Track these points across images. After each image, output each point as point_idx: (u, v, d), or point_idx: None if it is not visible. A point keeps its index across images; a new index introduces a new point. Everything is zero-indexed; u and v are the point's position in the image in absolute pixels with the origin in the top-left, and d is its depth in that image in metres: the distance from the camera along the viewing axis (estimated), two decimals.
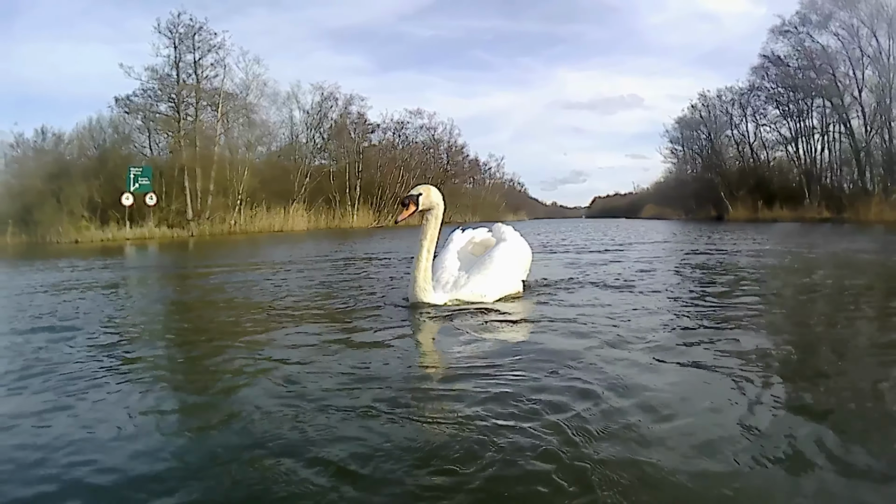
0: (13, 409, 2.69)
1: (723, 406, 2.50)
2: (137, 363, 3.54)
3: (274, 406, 2.54)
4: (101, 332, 4.49)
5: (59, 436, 2.30)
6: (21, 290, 7.68)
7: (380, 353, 3.55)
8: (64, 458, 2.09)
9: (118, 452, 2.15)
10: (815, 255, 10.32)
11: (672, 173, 58.89)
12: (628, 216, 78.84)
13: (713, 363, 3.11)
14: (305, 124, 44.92)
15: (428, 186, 5.22)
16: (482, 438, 2.12)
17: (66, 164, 32.13)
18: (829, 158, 38.78)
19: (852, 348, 3.63)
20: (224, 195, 34.91)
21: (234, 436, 2.26)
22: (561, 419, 2.28)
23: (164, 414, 2.57)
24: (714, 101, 48.22)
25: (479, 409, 2.42)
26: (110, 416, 2.54)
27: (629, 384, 2.70)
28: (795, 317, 4.80)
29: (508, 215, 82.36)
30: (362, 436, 2.19)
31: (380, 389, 2.73)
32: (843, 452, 2.01)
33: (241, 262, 12.02)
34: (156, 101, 35.35)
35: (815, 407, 2.50)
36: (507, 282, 5.47)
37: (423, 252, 4.99)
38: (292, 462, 1.99)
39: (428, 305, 4.99)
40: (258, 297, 6.36)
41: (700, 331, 3.99)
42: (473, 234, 6.25)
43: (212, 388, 2.98)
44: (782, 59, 39.13)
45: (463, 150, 64.10)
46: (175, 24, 34.73)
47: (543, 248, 12.94)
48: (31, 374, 3.24)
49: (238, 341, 4.02)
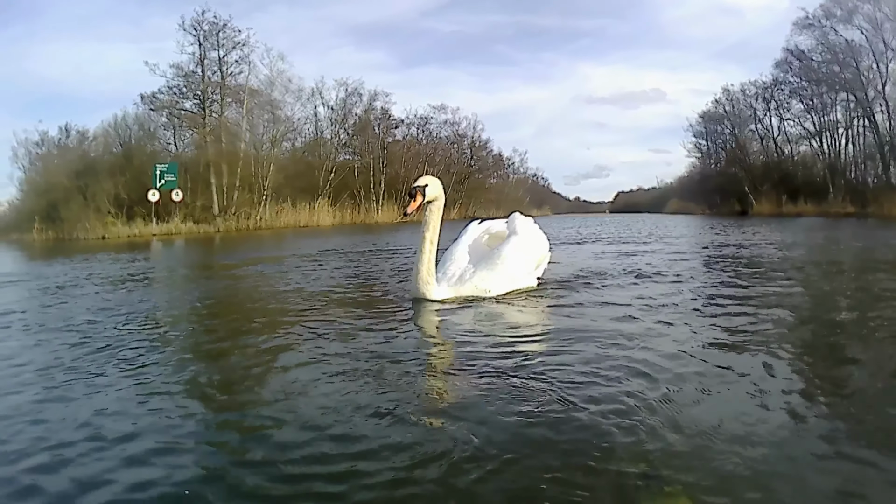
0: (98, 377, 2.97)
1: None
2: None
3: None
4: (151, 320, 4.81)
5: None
6: (73, 281, 8.09)
7: (374, 350, 3.45)
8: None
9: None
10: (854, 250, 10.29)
11: (696, 168, 58.53)
12: (652, 211, 78.48)
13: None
14: (330, 120, 44.97)
15: (432, 177, 5.12)
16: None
17: (92, 161, 32.42)
18: (854, 153, 38.38)
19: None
20: (250, 191, 35.09)
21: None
22: (559, 430, 2.21)
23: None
24: (738, 96, 47.80)
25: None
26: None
27: (613, 394, 2.57)
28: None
29: (532, 210, 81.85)
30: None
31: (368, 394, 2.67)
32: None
33: (266, 254, 12.47)
34: (181, 98, 35.60)
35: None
36: (514, 277, 5.39)
37: (425, 244, 4.95)
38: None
39: (430, 300, 4.95)
40: (279, 288, 6.57)
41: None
42: (490, 225, 6.12)
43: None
44: (806, 53, 38.78)
45: (486, 145, 63.91)
46: (200, 22, 34.88)
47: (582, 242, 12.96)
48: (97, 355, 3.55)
49: (242, 340, 4.02)
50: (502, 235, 5.87)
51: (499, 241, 5.77)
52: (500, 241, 5.72)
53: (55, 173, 30.81)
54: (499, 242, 5.69)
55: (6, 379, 3.12)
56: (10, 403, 2.71)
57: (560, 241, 14.45)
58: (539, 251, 5.86)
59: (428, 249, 4.95)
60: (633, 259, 8.85)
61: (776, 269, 7.32)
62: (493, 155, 67.78)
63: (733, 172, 46.86)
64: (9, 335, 4.43)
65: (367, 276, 7.54)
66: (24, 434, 2.32)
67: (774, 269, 7.42)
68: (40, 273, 9.80)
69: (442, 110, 56.84)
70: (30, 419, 2.48)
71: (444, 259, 5.43)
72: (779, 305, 4.74)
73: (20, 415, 2.55)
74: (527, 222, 5.92)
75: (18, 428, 2.39)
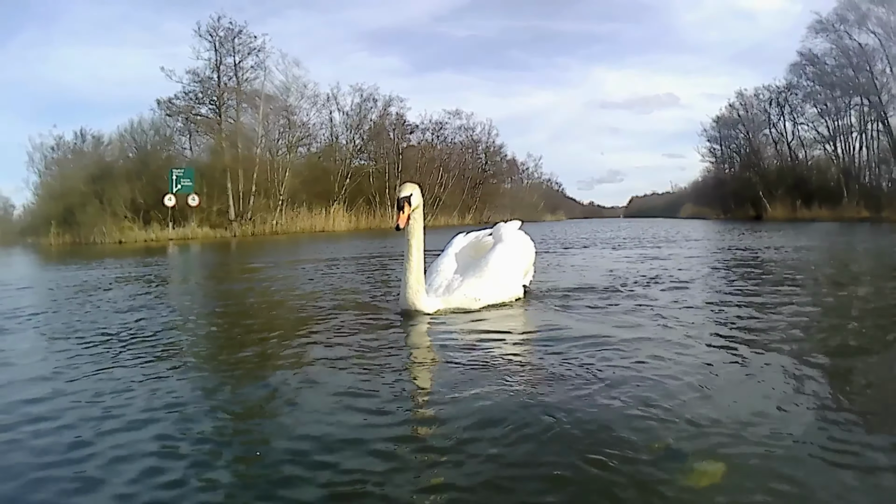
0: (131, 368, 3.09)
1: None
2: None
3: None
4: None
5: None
6: (98, 283, 8.27)
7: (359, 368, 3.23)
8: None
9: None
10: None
11: (710, 172, 58.50)
12: (666, 216, 78.35)
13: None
14: (345, 125, 45.14)
15: (413, 184, 4.86)
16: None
17: (108, 165, 32.76)
18: (868, 157, 38.27)
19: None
20: (265, 196, 35.39)
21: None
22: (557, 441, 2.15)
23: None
24: (751, 100, 47.89)
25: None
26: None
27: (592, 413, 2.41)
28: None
29: (546, 215, 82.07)
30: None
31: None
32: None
33: (282, 259, 12.62)
34: (197, 104, 35.90)
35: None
36: (502, 285, 5.23)
37: (412, 252, 4.72)
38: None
39: (419, 313, 4.73)
40: (274, 298, 6.59)
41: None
42: (475, 236, 5.98)
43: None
44: (819, 57, 38.69)
45: (501, 150, 64.07)
46: (215, 28, 35.25)
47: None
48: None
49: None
50: (488, 245, 5.70)
51: (484, 251, 5.61)
52: (486, 250, 5.56)
53: (71, 178, 31.14)
54: (484, 252, 5.54)
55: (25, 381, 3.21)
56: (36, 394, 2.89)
57: (573, 245, 14.57)
58: (527, 258, 5.74)
59: (416, 257, 4.73)
60: (655, 264, 8.89)
61: (799, 274, 7.34)
62: (508, 160, 67.99)
63: (747, 177, 46.80)
64: (36, 334, 4.66)
65: (362, 283, 7.47)
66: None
67: (797, 273, 7.43)
68: (62, 276, 9.97)
69: (457, 115, 57.17)
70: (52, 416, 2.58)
71: (430, 271, 5.27)
72: (804, 309, 4.74)
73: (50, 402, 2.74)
74: (513, 230, 5.81)
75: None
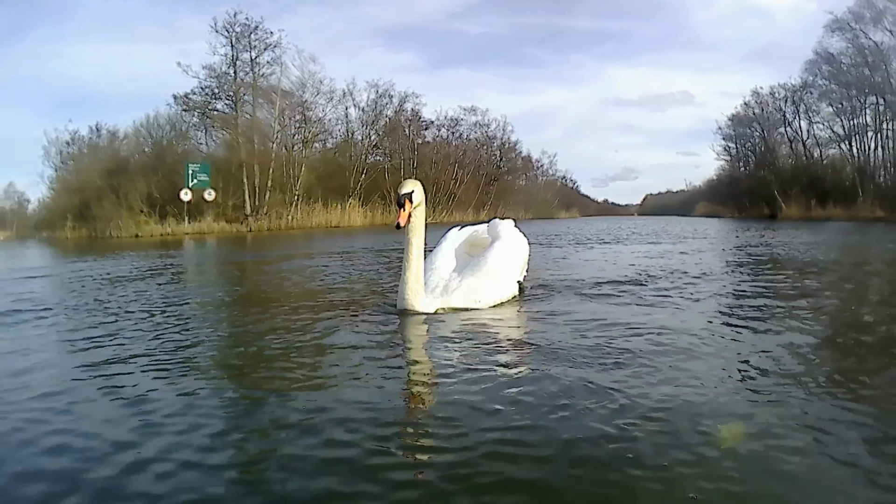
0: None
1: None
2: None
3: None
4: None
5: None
6: (122, 274, 8.54)
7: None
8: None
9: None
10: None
11: (725, 171, 58.21)
12: (680, 214, 78.10)
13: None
14: (361, 121, 45.21)
15: (414, 181, 4.67)
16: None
17: (124, 160, 33.12)
18: (883, 157, 37.98)
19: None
20: (281, 191, 35.59)
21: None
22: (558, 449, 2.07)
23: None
24: (767, 98, 47.45)
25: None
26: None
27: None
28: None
29: (561, 213, 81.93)
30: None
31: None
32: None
33: (298, 251, 12.84)
34: (213, 99, 36.06)
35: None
36: (503, 284, 5.15)
37: (413, 251, 4.58)
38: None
39: (418, 313, 4.59)
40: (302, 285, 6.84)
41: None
42: (470, 231, 5.91)
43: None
44: (835, 56, 38.45)
45: (515, 146, 64.07)
46: (232, 24, 35.39)
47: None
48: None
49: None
50: (483, 242, 5.64)
51: (479, 248, 5.53)
52: (481, 248, 5.49)
53: (87, 172, 31.50)
54: (480, 250, 5.45)
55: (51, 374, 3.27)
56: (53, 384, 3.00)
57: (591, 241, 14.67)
58: (523, 255, 5.66)
59: (416, 256, 4.59)
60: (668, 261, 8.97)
61: (818, 272, 7.41)
62: (523, 157, 67.90)
63: (762, 176, 46.45)
64: (55, 322, 4.87)
65: (367, 279, 7.48)
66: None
67: (816, 271, 7.49)
68: (82, 268, 10.27)
69: (472, 112, 57.14)
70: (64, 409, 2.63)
71: (426, 268, 4.97)
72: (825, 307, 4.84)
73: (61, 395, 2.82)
74: (509, 227, 5.73)
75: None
